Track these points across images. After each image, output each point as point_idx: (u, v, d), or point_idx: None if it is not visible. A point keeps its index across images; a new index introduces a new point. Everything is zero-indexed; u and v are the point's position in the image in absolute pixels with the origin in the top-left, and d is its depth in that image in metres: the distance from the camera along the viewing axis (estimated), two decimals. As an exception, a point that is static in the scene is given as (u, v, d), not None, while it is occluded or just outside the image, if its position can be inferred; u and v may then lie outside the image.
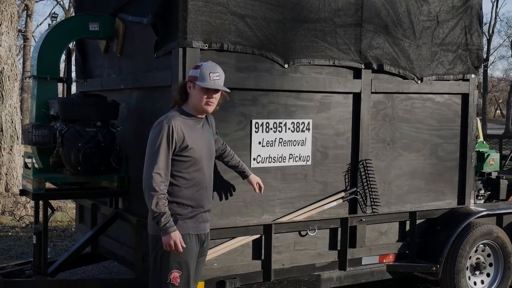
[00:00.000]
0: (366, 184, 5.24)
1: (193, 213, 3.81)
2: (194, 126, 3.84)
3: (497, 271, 5.85)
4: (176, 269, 3.74)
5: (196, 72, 3.82)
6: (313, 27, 4.87)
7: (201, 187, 3.84)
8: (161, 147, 3.67)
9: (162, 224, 3.62)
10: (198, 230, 3.86)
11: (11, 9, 10.58)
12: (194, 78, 3.82)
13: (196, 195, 3.82)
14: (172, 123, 3.70)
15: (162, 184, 3.65)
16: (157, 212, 3.62)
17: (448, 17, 5.59)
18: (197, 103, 3.83)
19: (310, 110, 4.97)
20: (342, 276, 5.18)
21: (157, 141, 3.68)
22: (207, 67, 3.83)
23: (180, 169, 3.75)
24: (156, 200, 3.60)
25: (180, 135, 3.72)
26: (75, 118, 4.89)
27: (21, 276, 5.14)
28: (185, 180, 3.77)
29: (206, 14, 4.40)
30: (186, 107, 3.87)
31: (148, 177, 3.65)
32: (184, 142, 3.73)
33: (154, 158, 3.66)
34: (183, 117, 3.80)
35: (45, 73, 5.17)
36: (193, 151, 3.77)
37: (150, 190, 3.63)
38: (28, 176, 4.92)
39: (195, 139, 3.80)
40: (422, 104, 5.57)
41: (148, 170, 3.67)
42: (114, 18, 5.30)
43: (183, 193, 3.77)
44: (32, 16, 31.84)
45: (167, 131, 3.68)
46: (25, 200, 9.84)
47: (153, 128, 3.78)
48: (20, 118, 11.13)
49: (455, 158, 5.80)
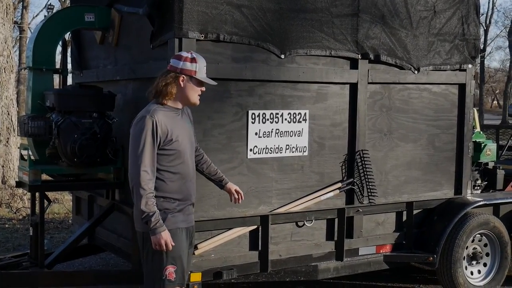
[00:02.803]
0: (363, 174, 5.24)
1: (181, 206, 3.75)
2: (175, 117, 3.75)
3: (494, 260, 5.86)
4: (171, 264, 3.68)
5: (193, 66, 3.74)
6: (310, 17, 4.85)
7: (186, 179, 3.78)
8: (146, 144, 3.57)
9: (152, 224, 3.56)
10: (188, 223, 3.82)
11: (6, 0, 10.53)
12: (191, 72, 3.74)
13: (183, 188, 3.75)
14: (155, 118, 3.60)
15: (150, 182, 3.57)
16: (147, 212, 3.55)
17: (445, 7, 5.57)
18: (191, 97, 3.77)
19: (307, 100, 4.96)
20: (339, 267, 5.19)
21: (141, 137, 3.58)
22: (201, 60, 3.78)
23: (165, 163, 3.67)
24: (146, 200, 3.54)
25: (164, 130, 3.63)
26: (71, 109, 4.88)
27: (18, 268, 5.15)
28: (171, 173, 3.70)
29: (202, 4, 4.38)
30: (171, 101, 3.75)
31: (135, 176, 3.57)
32: (168, 136, 3.65)
33: (140, 156, 3.57)
34: (164, 110, 3.70)
35: (40, 64, 5.15)
36: (177, 143, 3.69)
37: (138, 189, 3.55)
38: (25, 168, 4.91)
39: (178, 131, 3.72)
40: (419, 95, 5.56)
41: (134, 168, 3.58)
42: (109, 9, 5.28)
43: (170, 187, 3.70)
44: (28, 8, 31.64)
45: (151, 126, 3.59)
46: (21, 192, 9.83)
47: (135, 124, 3.67)
48: (17, 110, 11.10)
49: (452, 149, 5.80)
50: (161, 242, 3.58)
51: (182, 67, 3.74)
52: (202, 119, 4.49)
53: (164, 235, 3.58)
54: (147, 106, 3.74)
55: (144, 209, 3.53)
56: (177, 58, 3.77)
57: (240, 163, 4.70)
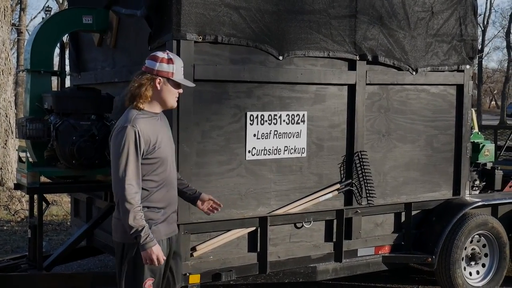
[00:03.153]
0: (362, 175, 5.24)
1: (165, 215, 3.60)
2: (155, 123, 3.56)
3: (493, 261, 5.86)
4: (150, 277, 3.55)
5: (170, 68, 3.53)
6: (308, 19, 4.86)
7: (169, 187, 3.63)
8: (130, 155, 3.39)
9: (142, 239, 3.39)
10: (169, 233, 3.65)
11: (4, 2, 10.54)
12: (168, 74, 3.53)
13: (166, 196, 3.61)
14: (137, 127, 3.41)
15: (136, 196, 3.40)
16: (135, 227, 3.38)
17: (442, 8, 5.58)
18: (168, 100, 3.57)
19: (305, 102, 4.97)
20: (338, 268, 5.19)
21: (124, 149, 3.39)
22: (178, 61, 3.59)
23: (148, 172, 3.50)
24: (134, 215, 3.37)
25: (147, 138, 3.45)
26: (69, 111, 4.87)
27: (16, 270, 5.13)
28: (155, 182, 3.53)
29: (200, 6, 4.38)
30: (147, 104, 3.55)
31: (121, 190, 3.39)
32: (151, 144, 3.48)
33: (124, 169, 3.38)
34: (144, 117, 3.50)
35: (38, 66, 5.14)
36: (160, 150, 3.52)
37: (124, 203, 3.37)
38: (23, 170, 4.90)
39: (159, 137, 3.54)
40: (417, 95, 5.57)
41: (119, 182, 3.40)
42: (107, 11, 5.28)
43: (154, 197, 3.54)
44: (26, 10, 31.72)
45: (134, 137, 3.40)
46: (20, 194, 9.82)
47: (116, 134, 3.46)
48: (15, 112, 11.10)
49: (450, 149, 5.80)
50: (153, 257, 3.42)
51: (158, 69, 3.53)
52: (201, 121, 4.49)
53: (156, 249, 3.43)
54: (126, 113, 3.53)
55: (133, 224, 3.37)
56: (152, 59, 3.56)
57: (239, 164, 4.70)
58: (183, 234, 4.42)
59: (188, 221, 4.47)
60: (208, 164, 4.56)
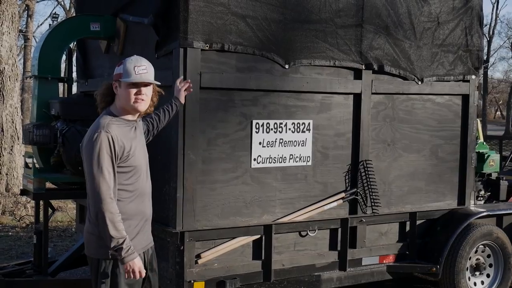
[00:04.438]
0: (367, 184, 5.25)
1: (139, 227, 3.48)
2: (129, 131, 3.45)
3: (497, 271, 5.85)
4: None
5: (120, 69, 3.44)
6: (314, 28, 4.88)
7: (144, 197, 3.52)
8: (104, 163, 3.26)
9: (124, 252, 3.27)
10: (145, 246, 3.57)
11: (12, 9, 10.59)
12: (118, 76, 3.43)
13: (141, 207, 3.49)
14: (110, 133, 3.30)
15: (115, 205, 3.28)
16: (117, 238, 3.25)
17: (448, 18, 5.59)
18: (125, 103, 3.44)
19: (311, 110, 4.98)
20: (342, 277, 5.18)
21: (98, 156, 3.27)
22: (130, 61, 3.46)
23: (122, 181, 3.36)
24: (114, 225, 3.24)
25: (121, 144, 3.34)
26: (75, 118, 4.91)
27: (21, 276, 5.15)
28: (129, 192, 3.41)
29: (207, 14, 4.41)
30: (115, 110, 3.47)
31: (97, 201, 3.25)
32: (125, 151, 3.36)
33: (100, 178, 3.25)
34: (117, 123, 3.40)
35: (46, 73, 5.18)
36: (133, 159, 3.41)
37: (104, 214, 3.23)
38: (29, 176, 4.93)
39: (133, 145, 3.42)
40: (422, 105, 5.57)
41: (95, 192, 3.26)
42: (115, 18, 5.31)
43: (128, 208, 3.40)
44: (33, 16, 31.85)
45: (107, 142, 3.28)
46: (25, 200, 9.85)
47: (88, 141, 3.33)
48: (21, 118, 11.14)
49: (455, 159, 5.80)
50: (135, 269, 3.33)
51: (114, 73, 3.50)
52: (206, 128, 4.50)
53: (138, 262, 3.34)
54: (98, 118, 3.46)
55: (115, 234, 3.24)
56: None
57: (244, 172, 4.71)
58: (188, 242, 4.43)
59: (193, 229, 4.47)
60: (214, 172, 4.57)
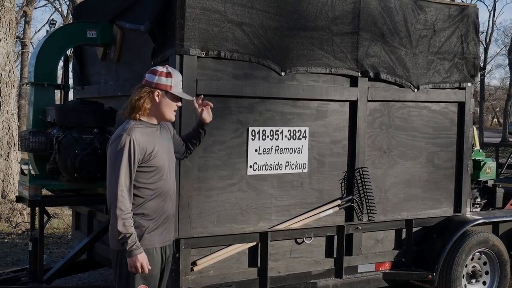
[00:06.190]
0: (363, 192, 5.25)
1: (158, 224, 3.63)
2: (153, 133, 3.63)
3: (493, 279, 5.85)
4: (143, 284, 3.59)
5: (170, 81, 3.62)
6: (310, 35, 4.89)
7: (166, 197, 3.67)
8: (123, 163, 3.46)
9: (129, 246, 3.46)
10: (164, 242, 3.69)
11: (9, 15, 10.59)
12: (167, 87, 3.62)
13: (161, 206, 3.64)
14: (132, 136, 3.49)
15: (127, 203, 3.47)
16: (124, 233, 3.45)
17: (444, 26, 5.62)
18: (167, 113, 3.66)
19: (307, 118, 4.99)
20: (338, 284, 5.18)
21: (118, 156, 3.47)
22: (177, 75, 3.69)
23: (144, 180, 3.56)
24: (123, 221, 3.44)
25: (143, 147, 3.52)
26: (72, 124, 4.90)
27: (17, 283, 5.13)
28: (150, 191, 3.58)
29: (203, 21, 4.42)
30: (145, 116, 3.64)
31: (113, 196, 3.47)
32: (147, 153, 3.54)
33: (117, 176, 3.46)
34: (141, 127, 3.58)
35: (42, 79, 5.18)
36: (156, 159, 3.59)
37: (115, 209, 3.45)
38: (25, 182, 4.91)
39: (156, 147, 3.60)
40: (418, 112, 5.58)
41: (112, 188, 3.48)
42: (112, 25, 5.32)
43: (148, 205, 3.59)
44: (30, 23, 31.85)
45: (129, 145, 3.47)
46: (21, 207, 9.82)
47: (112, 142, 3.56)
48: (17, 124, 11.12)
49: (451, 166, 5.81)
50: (137, 265, 3.47)
51: (157, 82, 3.62)
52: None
53: (141, 257, 3.48)
54: (124, 123, 3.62)
55: (122, 230, 3.45)
56: (152, 72, 3.66)
57: (240, 179, 4.71)
58: (184, 249, 4.43)
59: (189, 236, 4.47)
60: (210, 179, 4.57)
